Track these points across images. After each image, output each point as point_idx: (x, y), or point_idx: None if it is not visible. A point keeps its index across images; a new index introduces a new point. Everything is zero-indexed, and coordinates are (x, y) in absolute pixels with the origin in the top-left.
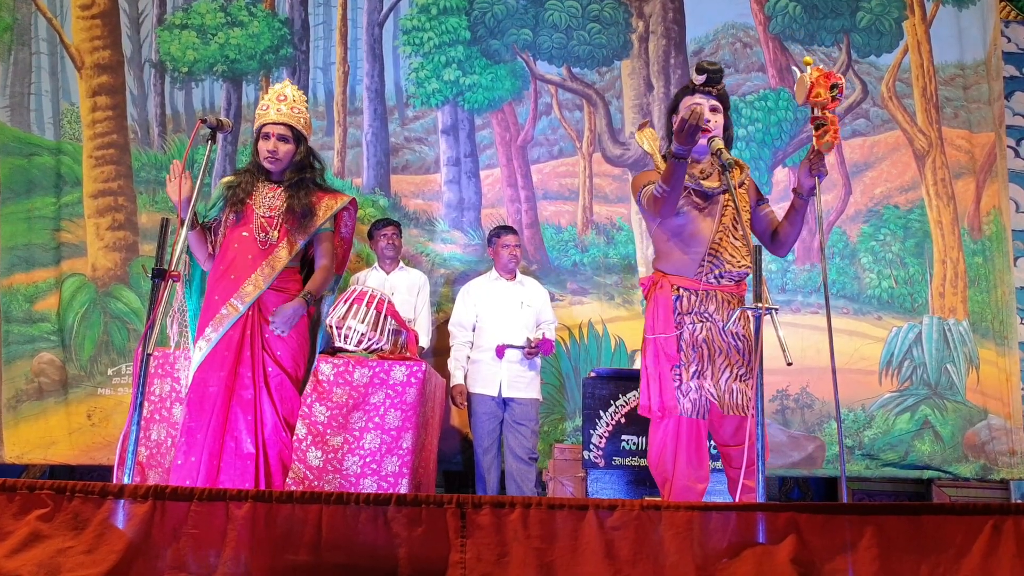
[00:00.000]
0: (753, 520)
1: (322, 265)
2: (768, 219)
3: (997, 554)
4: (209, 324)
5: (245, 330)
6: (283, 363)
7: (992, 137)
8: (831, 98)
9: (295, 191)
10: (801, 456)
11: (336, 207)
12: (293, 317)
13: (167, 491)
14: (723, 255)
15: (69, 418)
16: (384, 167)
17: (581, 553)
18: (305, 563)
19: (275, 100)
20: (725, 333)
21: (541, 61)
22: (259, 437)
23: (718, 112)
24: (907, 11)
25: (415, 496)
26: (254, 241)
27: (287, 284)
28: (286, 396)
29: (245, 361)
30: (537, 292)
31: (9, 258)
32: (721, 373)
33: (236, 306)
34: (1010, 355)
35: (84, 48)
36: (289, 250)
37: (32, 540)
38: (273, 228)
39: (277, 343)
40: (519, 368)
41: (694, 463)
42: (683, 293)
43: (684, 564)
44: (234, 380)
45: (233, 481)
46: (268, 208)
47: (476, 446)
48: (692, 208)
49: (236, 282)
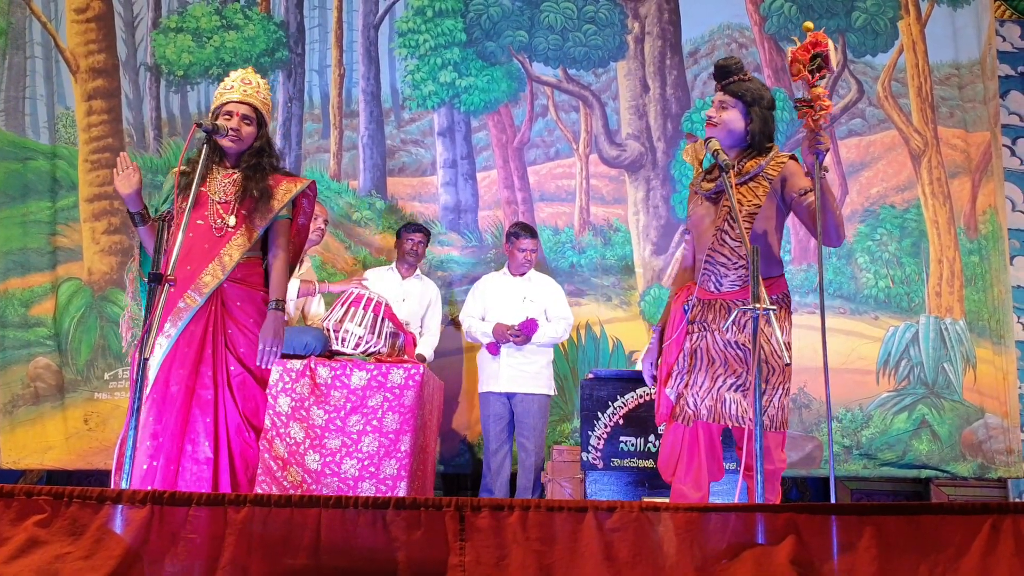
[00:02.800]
0: (752, 521)
1: (280, 259)
2: (810, 209)
3: (996, 553)
4: (167, 319)
5: (207, 325)
6: (246, 361)
7: (988, 136)
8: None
9: (252, 173)
10: (799, 456)
11: (296, 190)
12: (277, 333)
13: (165, 496)
14: (718, 260)
15: (66, 423)
16: (381, 170)
17: (580, 555)
18: (304, 567)
19: (240, 82)
20: (721, 342)
21: (537, 63)
22: (219, 440)
23: (726, 108)
24: (902, 11)
25: (414, 499)
26: (209, 228)
27: (248, 275)
28: (249, 395)
29: (207, 359)
30: (544, 288)
31: (5, 263)
32: (714, 383)
33: (194, 298)
34: (1007, 354)
35: (79, 52)
36: (248, 236)
37: (30, 546)
38: (229, 213)
39: (240, 340)
40: (520, 362)
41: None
42: (694, 301)
43: (683, 565)
44: (195, 379)
45: (189, 487)
46: (224, 193)
47: (485, 447)
48: (697, 211)
49: (193, 273)
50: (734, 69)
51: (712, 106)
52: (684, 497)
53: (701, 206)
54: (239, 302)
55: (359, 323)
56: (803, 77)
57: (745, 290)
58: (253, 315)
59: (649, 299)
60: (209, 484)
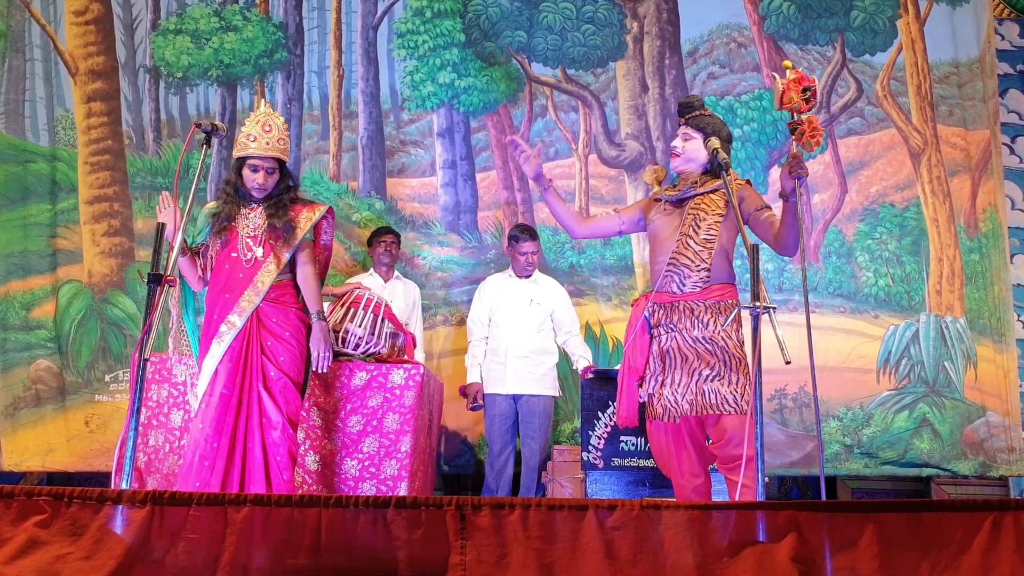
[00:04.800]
0: (753, 519)
1: (308, 274)
2: (768, 223)
3: (997, 550)
4: (212, 341)
5: (246, 342)
6: (284, 368)
7: (987, 135)
8: (803, 101)
9: (275, 209)
10: (800, 455)
11: (315, 218)
12: (325, 340)
13: (165, 496)
14: (681, 262)
15: (67, 425)
16: (380, 171)
17: (581, 554)
18: (305, 567)
19: (261, 131)
20: (689, 339)
21: (536, 63)
22: (266, 439)
23: (688, 139)
24: (901, 9)
25: (414, 498)
26: (241, 261)
27: (281, 295)
28: (290, 398)
29: (250, 370)
30: (551, 291)
31: (5, 265)
32: (690, 377)
33: (234, 322)
34: (1008, 352)
35: (78, 54)
36: (277, 265)
37: (30, 546)
38: (258, 245)
39: (278, 349)
40: (527, 364)
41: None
42: (654, 307)
43: (684, 564)
44: (241, 388)
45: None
46: (252, 228)
47: (489, 447)
48: (659, 219)
49: (231, 300)
50: (696, 105)
51: (677, 137)
52: (684, 489)
53: (663, 214)
54: (274, 318)
55: (359, 324)
56: (795, 105)
57: (705, 291)
58: (288, 328)
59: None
60: (262, 479)
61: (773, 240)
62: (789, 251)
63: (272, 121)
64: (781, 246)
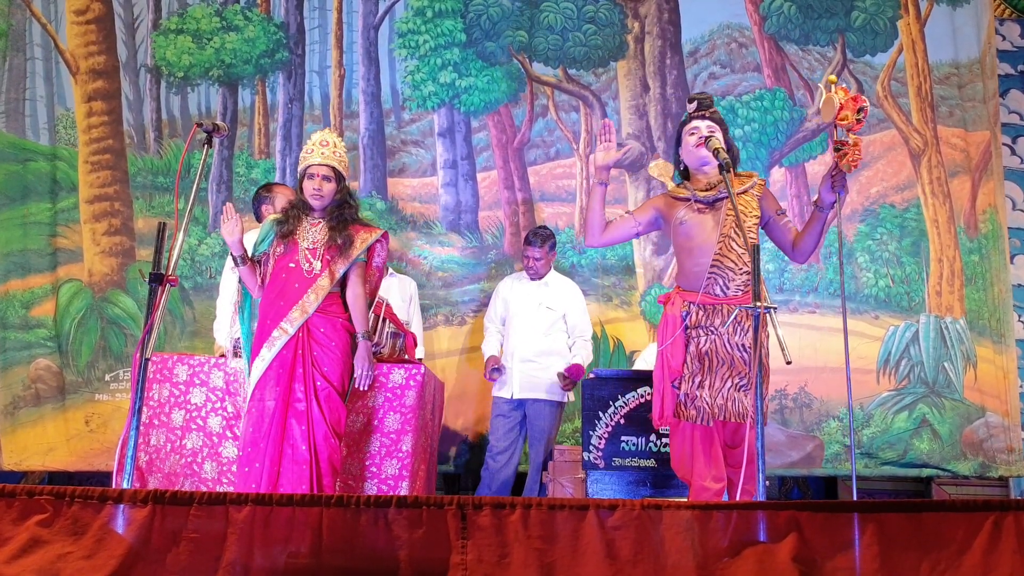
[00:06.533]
0: (754, 519)
1: (358, 294)
2: (787, 229)
3: (998, 550)
4: (264, 345)
5: (296, 350)
6: (330, 378)
7: (987, 135)
8: (856, 120)
9: (336, 224)
10: (800, 455)
11: (370, 240)
12: (369, 359)
13: (166, 495)
14: (725, 264)
15: (67, 424)
16: (381, 170)
17: (582, 553)
18: (306, 566)
19: (319, 145)
20: (730, 344)
21: (537, 63)
22: (312, 443)
23: (715, 131)
24: (901, 10)
25: (415, 498)
26: (299, 271)
27: (330, 307)
28: (333, 407)
29: (298, 377)
30: (563, 294)
31: (5, 264)
32: (723, 383)
33: (286, 329)
34: (1007, 353)
35: (79, 53)
36: (331, 279)
37: (32, 546)
38: (316, 258)
39: (324, 360)
40: (531, 368)
41: (709, 464)
42: (692, 308)
43: (685, 563)
44: (289, 394)
45: (292, 484)
46: (311, 241)
47: (489, 445)
48: (692, 219)
49: (285, 308)
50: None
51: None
52: (707, 491)
53: (696, 213)
54: (322, 328)
55: None
56: (849, 124)
57: (747, 295)
58: (335, 339)
59: (650, 299)
60: (307, 483)
61: (790, 245)
62: (803, 258)
63: (329, 137)
64: (798, 251)
